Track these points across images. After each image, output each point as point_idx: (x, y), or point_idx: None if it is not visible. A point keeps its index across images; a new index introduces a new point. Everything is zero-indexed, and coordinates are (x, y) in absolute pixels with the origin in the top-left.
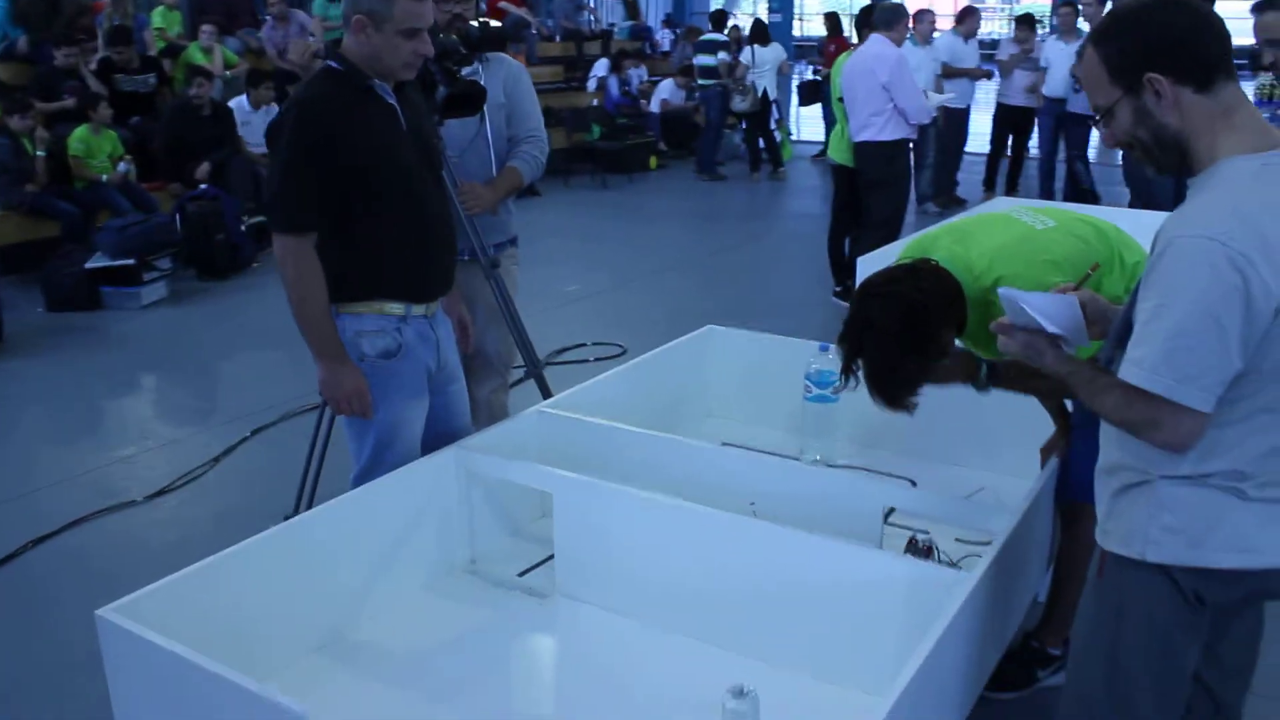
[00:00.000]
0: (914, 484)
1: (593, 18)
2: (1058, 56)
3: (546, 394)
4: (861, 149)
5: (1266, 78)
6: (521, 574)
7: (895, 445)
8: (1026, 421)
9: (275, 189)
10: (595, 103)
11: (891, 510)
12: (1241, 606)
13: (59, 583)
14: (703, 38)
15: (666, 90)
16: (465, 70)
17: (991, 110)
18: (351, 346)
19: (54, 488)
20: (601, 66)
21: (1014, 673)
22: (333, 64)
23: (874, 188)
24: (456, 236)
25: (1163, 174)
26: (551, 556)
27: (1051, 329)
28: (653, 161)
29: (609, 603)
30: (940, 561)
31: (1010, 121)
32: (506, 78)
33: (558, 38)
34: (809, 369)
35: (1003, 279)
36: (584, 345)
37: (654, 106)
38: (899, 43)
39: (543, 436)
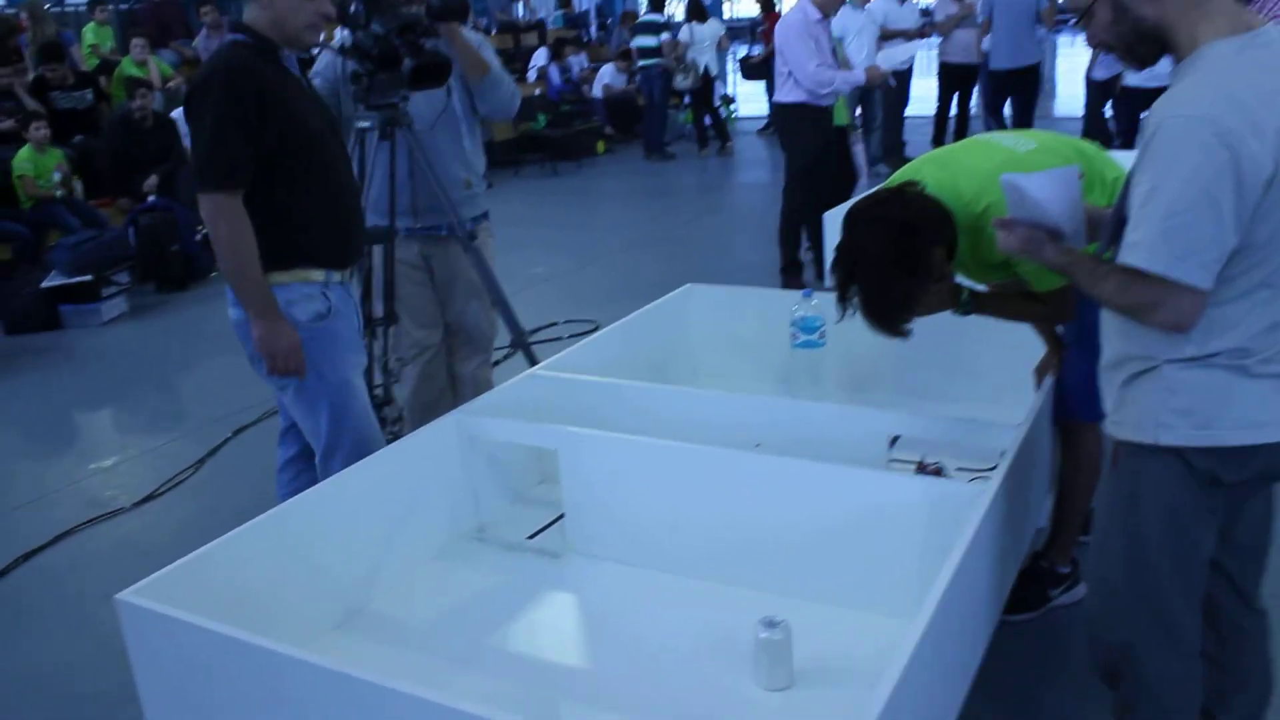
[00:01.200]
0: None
1: (526, 8)
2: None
3: (534, 364)
4: (774, 109)
5: None
6: (531, 536)
7: (884, 386)
8: (1011, 351)
9: (205, 149)
10: (538, 92)
11: (896, 438)
12: (1255, 486)
13: (56, 593)
14: (641, 19)
15: (608, 75)
16: (429, 42)
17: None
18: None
19: (37, 503)
20: (541, 56)
21: (1027, 594)
22: (239, 36)
23: (784, 147)
24: (359, 204)
25: (1145, 66)
26: (561, 517)
27: (1054, 212)
28: (600, 146)
29: (624, 555)
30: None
31: (954, 79)
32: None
33: (493, 31)
34: (794, 315)
35: (993, 205)
36: (555, 324)
37: (597, 92)
38: (825, 7)
39: (539, 398)
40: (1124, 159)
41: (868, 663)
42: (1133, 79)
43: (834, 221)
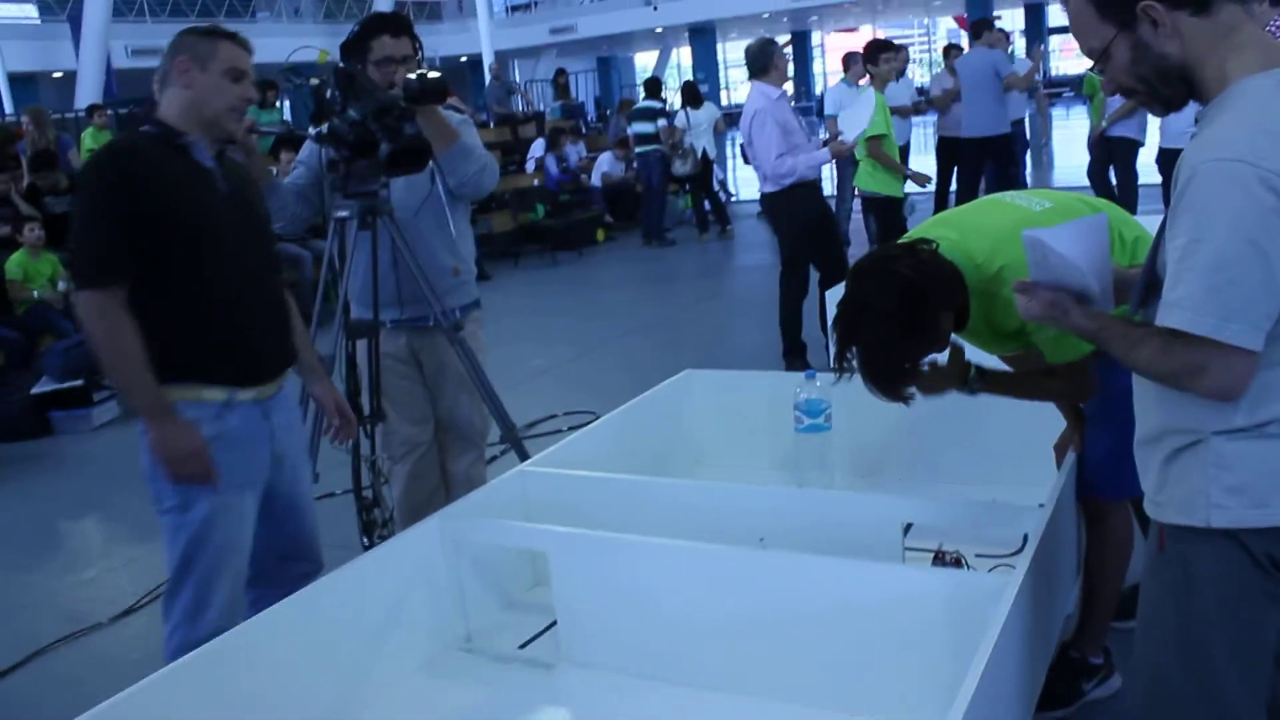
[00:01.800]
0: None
1: (524, 101)
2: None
3: (525, 459)
4: (760, 198)
5: None
6: (523, 646)
7: (895, 470)
8: (1029, 427)
9: (77, 242)
10: (536, 183)
11: (909, 526)
12: None
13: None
14: (638, 105)
15: (606, 163)
16: (408, 127)
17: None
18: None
19: (12, 618)
20: (538, 147)
21: (1057, 688)
22: (147, 127)
23: (775, 232)
24: (287, 313)
25: (1170, 110)
26: (554, 624)
27: (1081, 268)
28: (600, 234)
29: (622, 665)
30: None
31: (952, 153)
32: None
33: (491, 124)
34: (797, 398)
35: (1007, 268)
36: (555, 416)
37: (595, 180)
38: (779, 80)
39: (529, 496)
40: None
41: None
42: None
43: (836, 298)
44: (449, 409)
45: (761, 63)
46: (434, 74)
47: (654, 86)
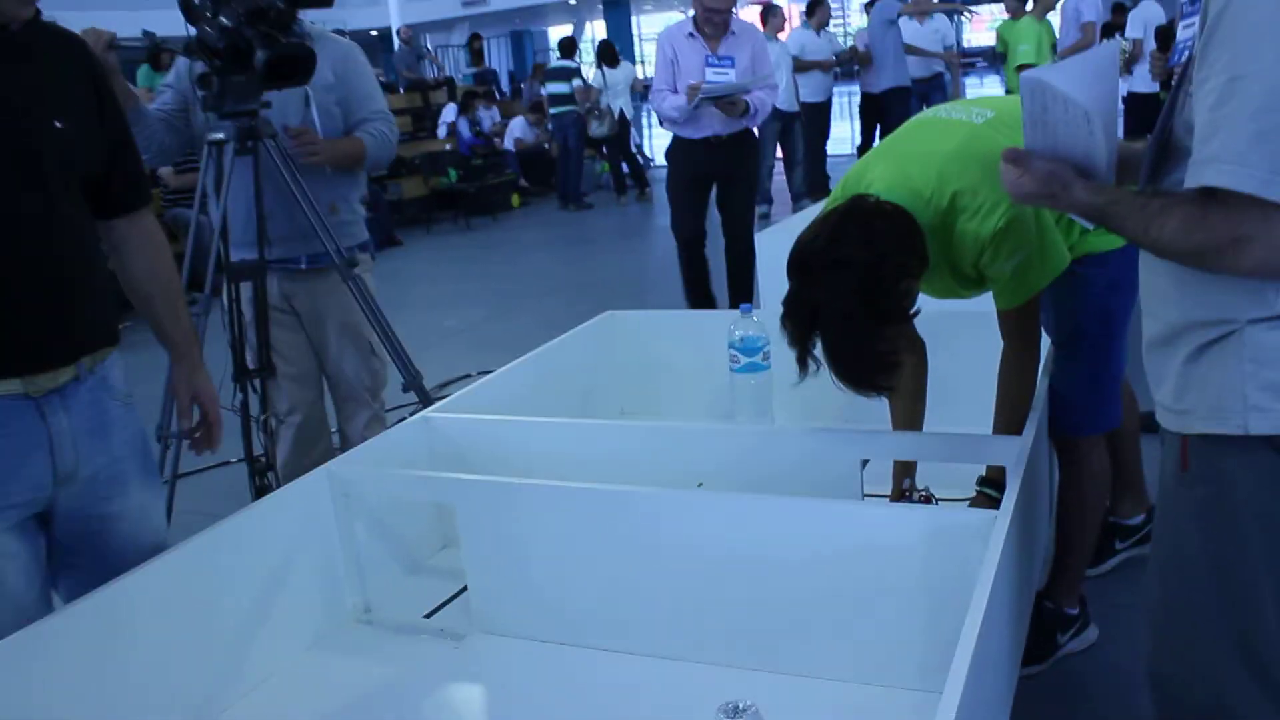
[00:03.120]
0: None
1: (435, 66)
2: (912, 37)
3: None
4: None
5: None
6: (429, 615)
7: (841, 412)
8: (983, 370)
9: None
10: (449, 148)
11: (866, 463)
12: None
13: None
14: (552, 65)
15: (519, 128)
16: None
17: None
18: None
19: None
20: (450, 111)
21: (1032, 642)
22: None
23: None
24: (80, 278)
25: None
26: (464, 589)
27: (1091, 120)
28: (515, 199)
29: (545, 632)
30: None
31: (876, 109)
32: (335, 57)
33: (401, 89)
34: (732, 336)
35: (960, 193)
36: (469, 376)
37: (508, 145)
38: (704, 22)
39: (434, 446)
40: None
41: None
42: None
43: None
44: (335, 363)
45: None
46: None
47: (569, 46)
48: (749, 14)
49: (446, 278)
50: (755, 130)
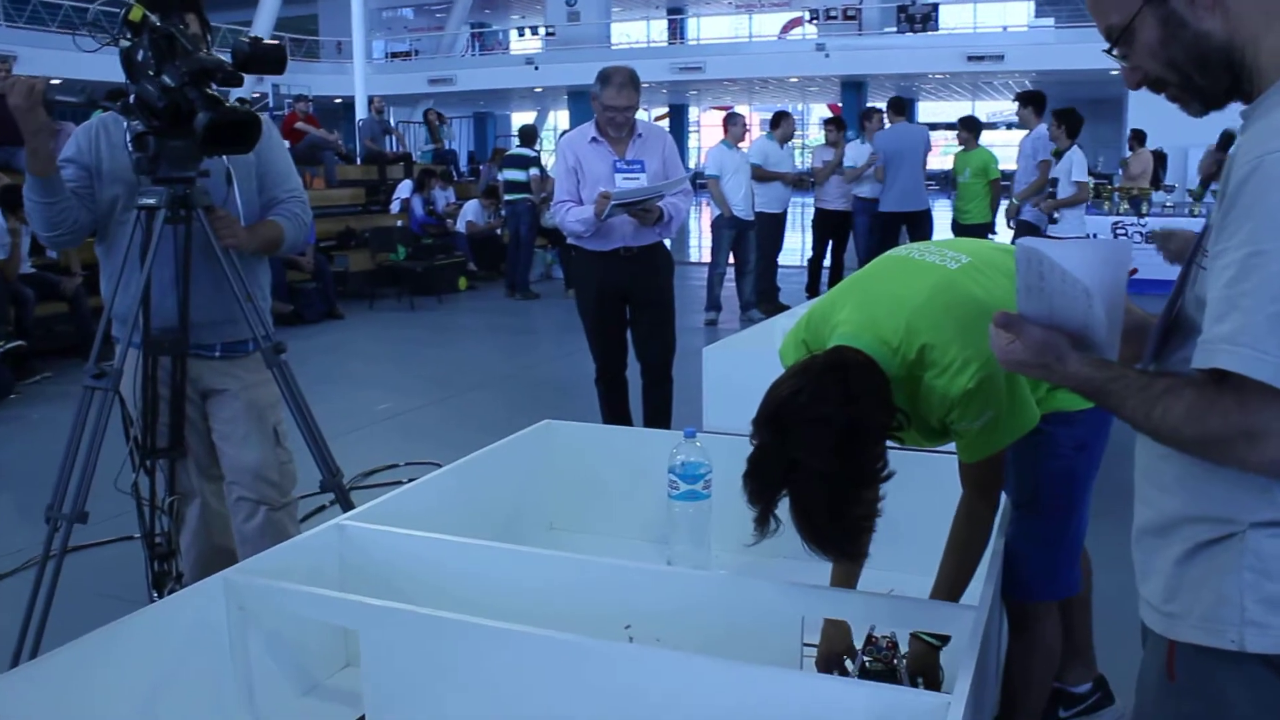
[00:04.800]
0: None
1: (396, 141)
2: (863, 158)
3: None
4: None
5: None
6: None
7: (783, 548)
8: (928, 512)
9: None
10: (400, 224)
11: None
12: None
13: None
14: (510, 152)
15: (472, 211)
16: (234, 96)
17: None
18: None
19: None
20: (405, 188)
21: None
22: None
23: None
24: None
25: (1209, 108)
26: (362, 718)
27: (1089, 295)
28: (462, 282)
29: None
30: (902, 669)
31: (829, 225)
32: None
33: (359, 160)
34: (673, 461)
35: (930, 347)
36: (396, 465)
37: (460, 227)
38: (604, 125)
39: (345, 558)
40: None
41: None
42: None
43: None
44: (235, 454)
45: None
46: (267, 41)
47: (529, 135)
48: (710, 120)
49: (385, 357)
50: (667, 244)
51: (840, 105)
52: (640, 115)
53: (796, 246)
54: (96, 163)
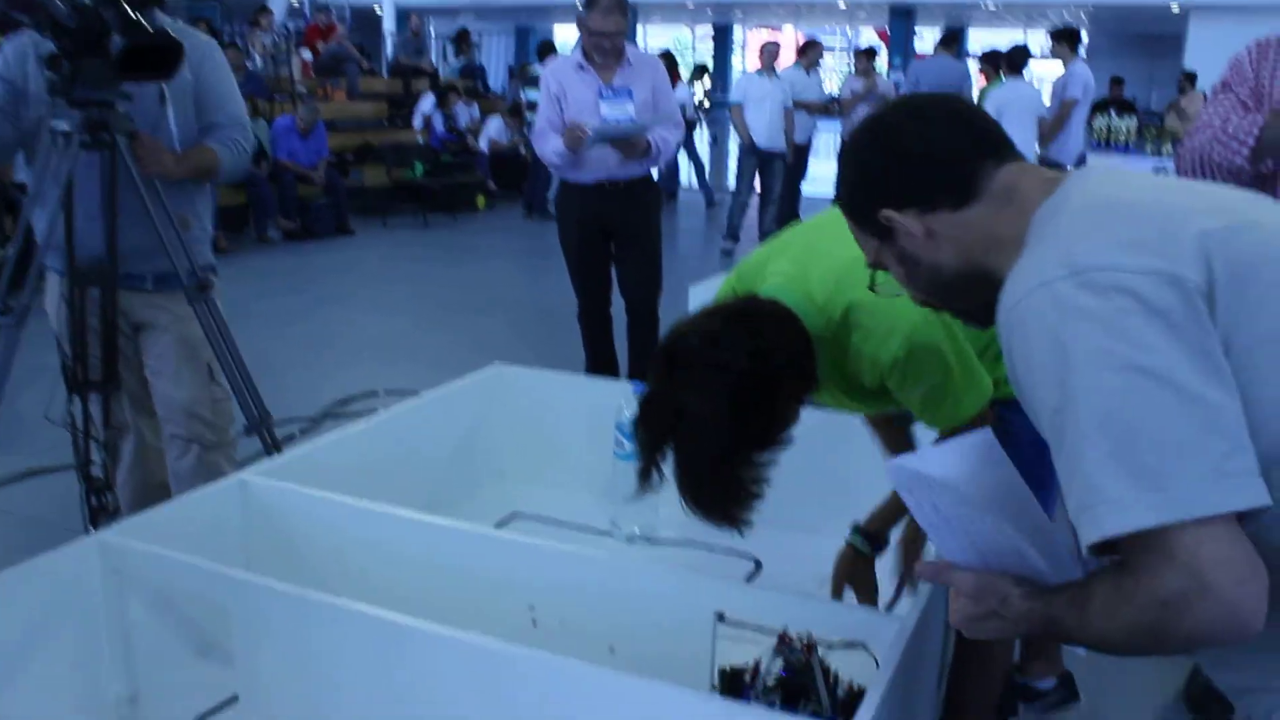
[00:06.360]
0: (758, 563)
1: (426, 57)
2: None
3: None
4: None
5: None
6: (201, 718)
7: None
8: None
9: None
10: (420, 140)
11: (721, 615)
12: None
13: None
14: (534, 69)
15: (494, 129)
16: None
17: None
18: None
19: None
20: (427, 103)
21: None
22: None
23: None
24: None
25: (987, 324)
26: (234, 699)
27: (987, 513)
28: (481, 201)
29: None
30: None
31: None
32: (193, 53)
33: (385, 74)
34: (620, 417)
35: (855, 306)
36: (376, 394)
37: (482, 145)
38: (591, 49)
39: (248, 518)
40: None
41: None
42: None
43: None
44: (167, 388)
45: None
46: None
47: (547, 51)
48: (787, 46)
49: (392, 277)
50: (655, 175)
51: (888, 32)
52: (683, 34)
53: (824, 175)
54: (23, 80)
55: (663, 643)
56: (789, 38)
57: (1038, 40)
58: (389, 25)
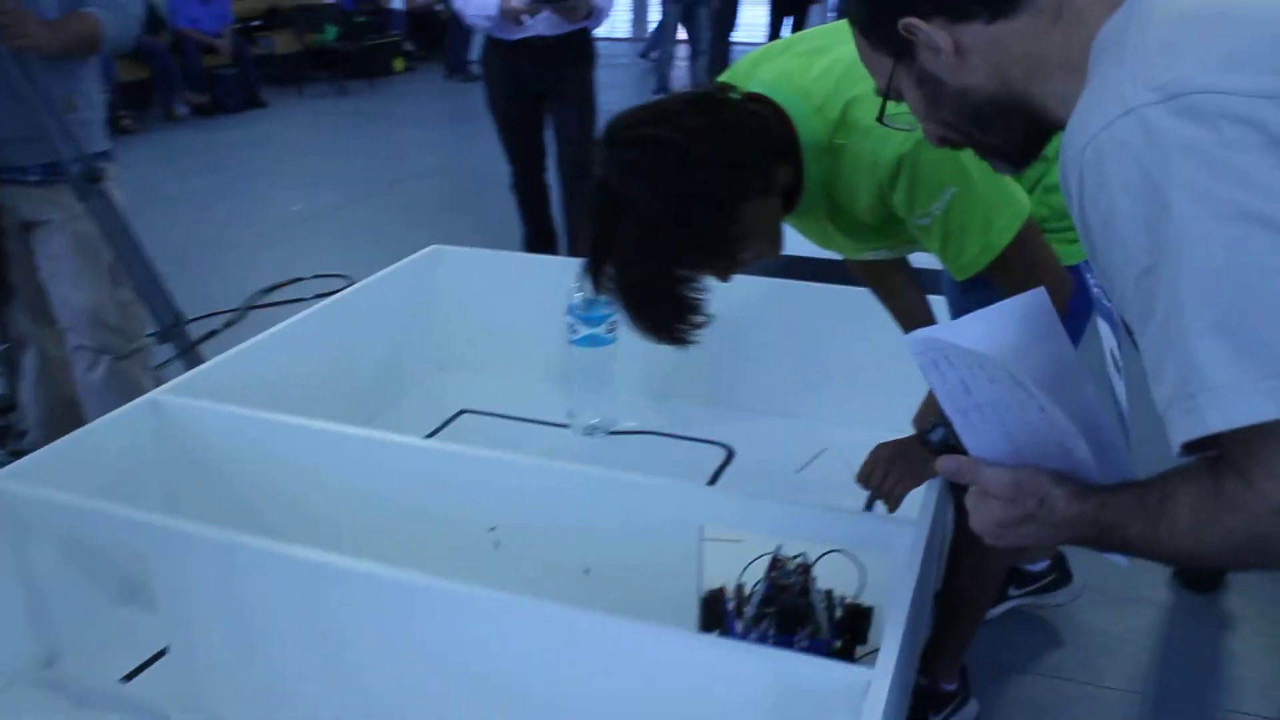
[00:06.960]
0: (730, 452)
1: None
2: None
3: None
4: None
5: None
6: (127, 677)
7: (699, 394)
8: (871, 356)
9: None
10: (332, 0)
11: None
12: None
13: None
14: None
15: None
16: None
17: None
18: None
19: None
20: None
21: None
22: None
23: None
24: None
25: (1020, 165)
26: (165, 652)
27: (1035, 391)
28: (399, 64)
29: (265, 717)
30: (818, 598)
31: (786, 3)
32: None
33: None
34: (573, 300)
35: (857, 101)
36: (301, 279)
37: (397, 3)
38: None
39: (161, 443)
40: None
41: None
42: None
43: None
44: (66, 293)
45: None
46: None
47: None
48: None
49: (308, 150)
50: (591, 32)
51: None
52: None
53: (756, 21)
54: None
55: (642, 558)
56: None
57: None
58: None
